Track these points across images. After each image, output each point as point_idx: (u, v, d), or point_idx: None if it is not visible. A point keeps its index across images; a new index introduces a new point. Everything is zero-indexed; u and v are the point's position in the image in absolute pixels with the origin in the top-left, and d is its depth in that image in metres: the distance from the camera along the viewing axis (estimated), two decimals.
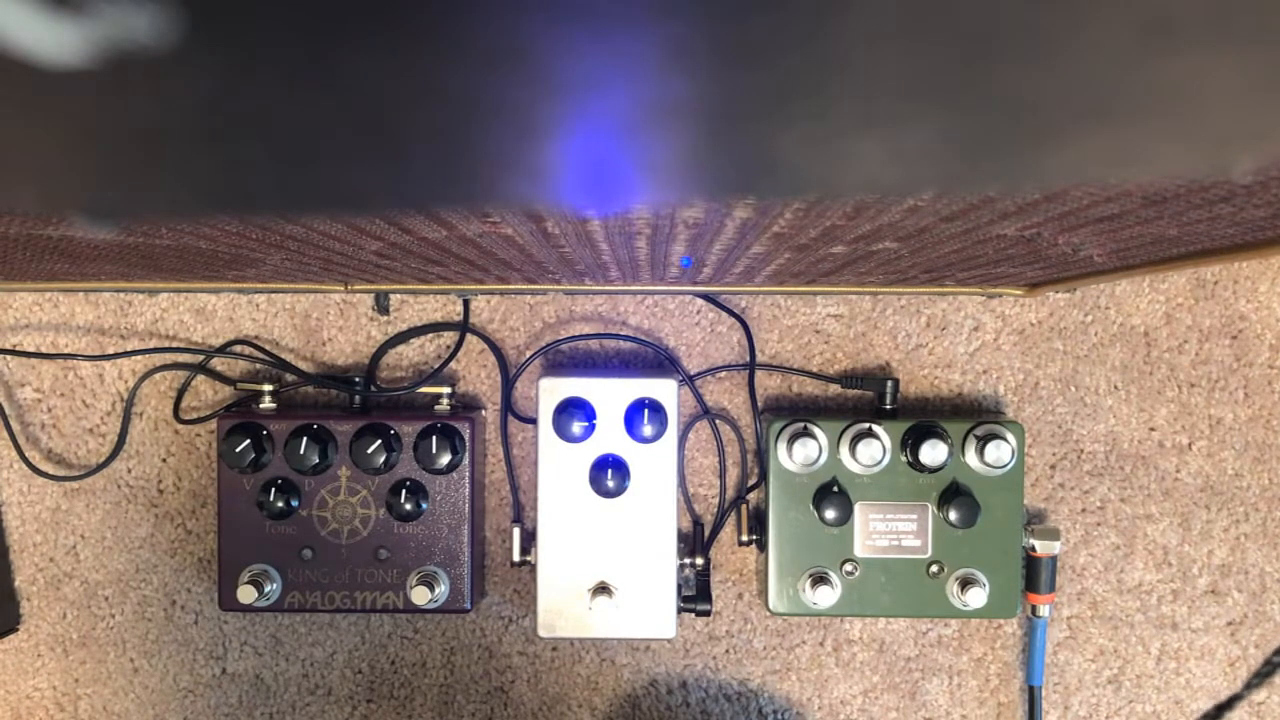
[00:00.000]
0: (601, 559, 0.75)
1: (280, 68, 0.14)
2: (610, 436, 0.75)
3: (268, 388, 0.79)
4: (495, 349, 0.82)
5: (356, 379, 0.80)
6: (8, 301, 0.83)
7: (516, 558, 0.79)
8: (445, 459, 0.76)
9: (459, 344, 0.82)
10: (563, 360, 0.83)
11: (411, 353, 0.83)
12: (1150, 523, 0.83)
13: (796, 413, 0.81)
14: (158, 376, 0.83)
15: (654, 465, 0.75)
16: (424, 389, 0.81)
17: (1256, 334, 0.82)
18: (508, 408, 0.82)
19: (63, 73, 0.13)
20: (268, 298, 0.83)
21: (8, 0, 0.11)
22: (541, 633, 0.76)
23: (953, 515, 0.76)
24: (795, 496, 0.77)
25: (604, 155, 0.17)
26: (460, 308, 0.82)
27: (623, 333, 0.82)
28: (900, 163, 0.18)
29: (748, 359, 0.82)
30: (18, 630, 0.84)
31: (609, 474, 0.75)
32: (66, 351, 0.82)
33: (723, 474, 0.83)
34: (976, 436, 0.76)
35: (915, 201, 0.36)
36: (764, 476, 0.78)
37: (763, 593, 0.80)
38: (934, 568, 0.77)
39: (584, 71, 0.14)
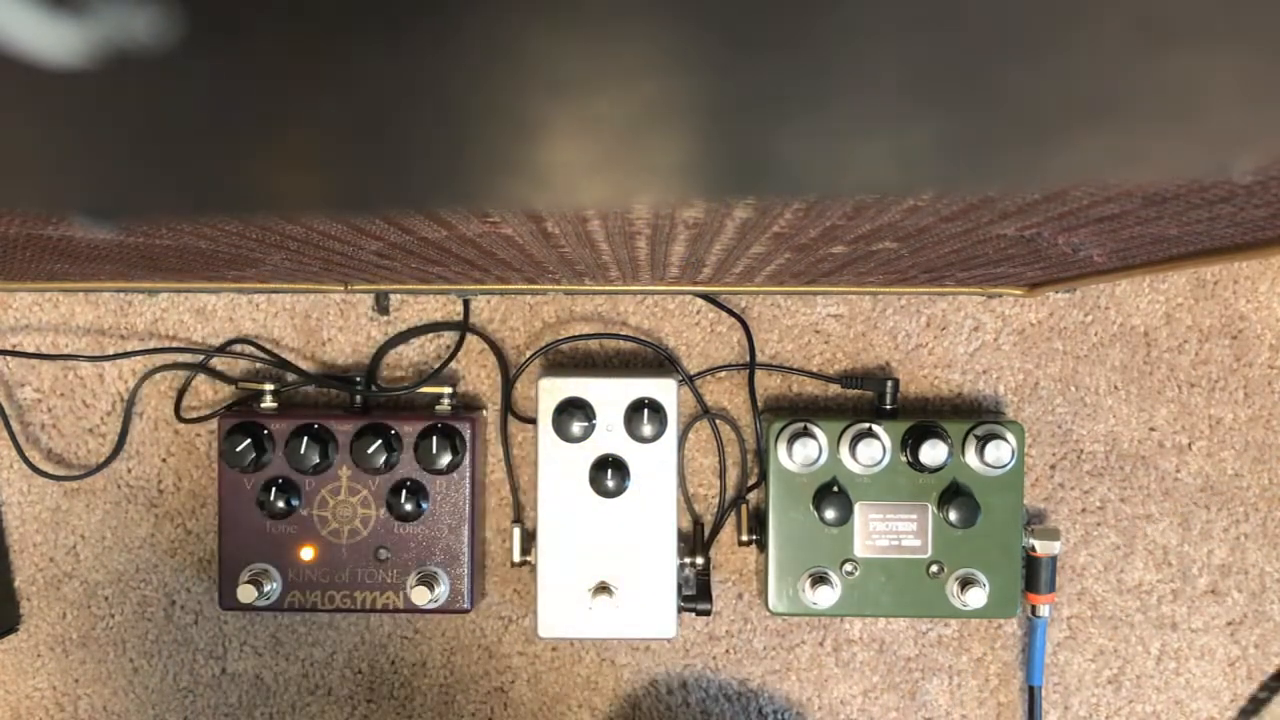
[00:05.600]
0: (601, 559, 0.75)
1: (280, 68, 0.14)
2: (610, 436, 0.75)
3: (268, 387, 0.79)
4: (495, 349, 0.82)
5: (357, 379, 0.80)
6: (8, 301, 0.83)
7: (516, 558, 0.79)
8: (445, 459, 0.76)
9: (459, 344, 0.82)
10: (563, 360, 0.83)
11: (412, 353, 0.83)
12: (1150, 523, 0.83)
13: (796, 413, 0.81)
14: (158, 376, 0.83)
15: (654, 465, 0.75)
16: (424, 389, 0.81)
17: (1256, 334, 0.82)
18: (508, 408, 0.82)
19: (63, 73, 0.13)
20: (268, 298, 0.83)
21: (8, 0, 0.11)
22: (541, 633, 0.76)
23: (953, 515, 0.76)
24: (795, 496, 0.77)
25: (604, 156, 0.17)
26: (460, 308, 0.82)
27: (623, 333, 0.82)
28: (900, 163, 0.18)
29: (748, 359, 0.82)
30: (18, 630, 0.84)
31: (609, 474, 0.75)
32: (66, 352, 0.82)
33: (723, 474, 0.83)
34: (976, 436, 0.76)
35: (915, 201, 0.36)
36: (764, 476, 0.78)
37: (763, 593, 0.80)
38: (934, 568, 0.77)
39: (584, 71, 0.14)
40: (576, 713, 0.84)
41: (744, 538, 0.81)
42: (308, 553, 0.76)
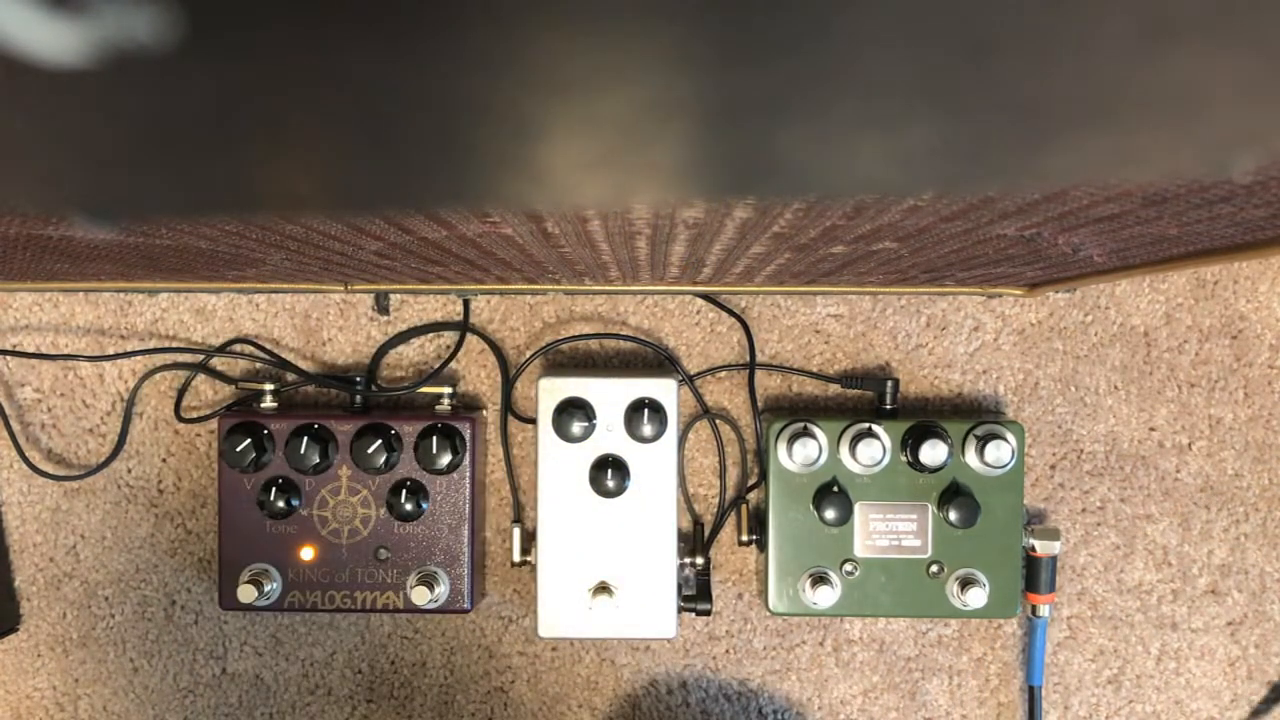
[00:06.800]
0: (601, 559, 0.75)
1: (280, 68, 0.14)
2: (610, 436, 0.75)
3: (268, 387, 0.79)
4: (495, 349, 0.82)
5: (357, 379, 0.80)
6: (8, 301, 0.83)
7: (516, 558, 0.79)
8: (446, 459, 0.76)
9: (459, 344, 0.82)
10: (563, 360, 0.83)
11: (412, 353, 0.83)
12: (1150, 523, 0.83)
13: (796, 413, 0.81)
14: (158, 376, 0.83)
15: (654, 465, 0.75)
16: (424, 389, 0.81)
17: (1256, 334, 0.82)
18: (508, 408, 0.82)
19: (63, 73, 0.13)
20: (268, 298, 0.83)
21: (8, 0, 0.11)
22: (541, 633, 0.76)
23: (953, 515, 0.76)
24: (795, 496, 0.77)
25: (604, 155, 0.17)
26: (460, 308, 0.82)
27: (623, 333, 0.82)
28: (900, 163, 0.18)
29: (748, 359, 0.82)
30: (18, 630, 0.84)
31: (609, 474, 0.75)
32: (66, 352, 0.82)
33: (723, 474, 0.83)
34: (976, 436, 0.76)
35: (915, 201, 0.36)
36: (764, 476, 0.78)
37: (763, 593, 0.80)
38: (934, 568, 0.77)
39: (584, 71, 0.14)
40: (576, 713, 0.84)
41: (744, 538, 0.81)
42: (308, 553, 0.76)
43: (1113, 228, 0.42)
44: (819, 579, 0.76)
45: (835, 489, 0.76)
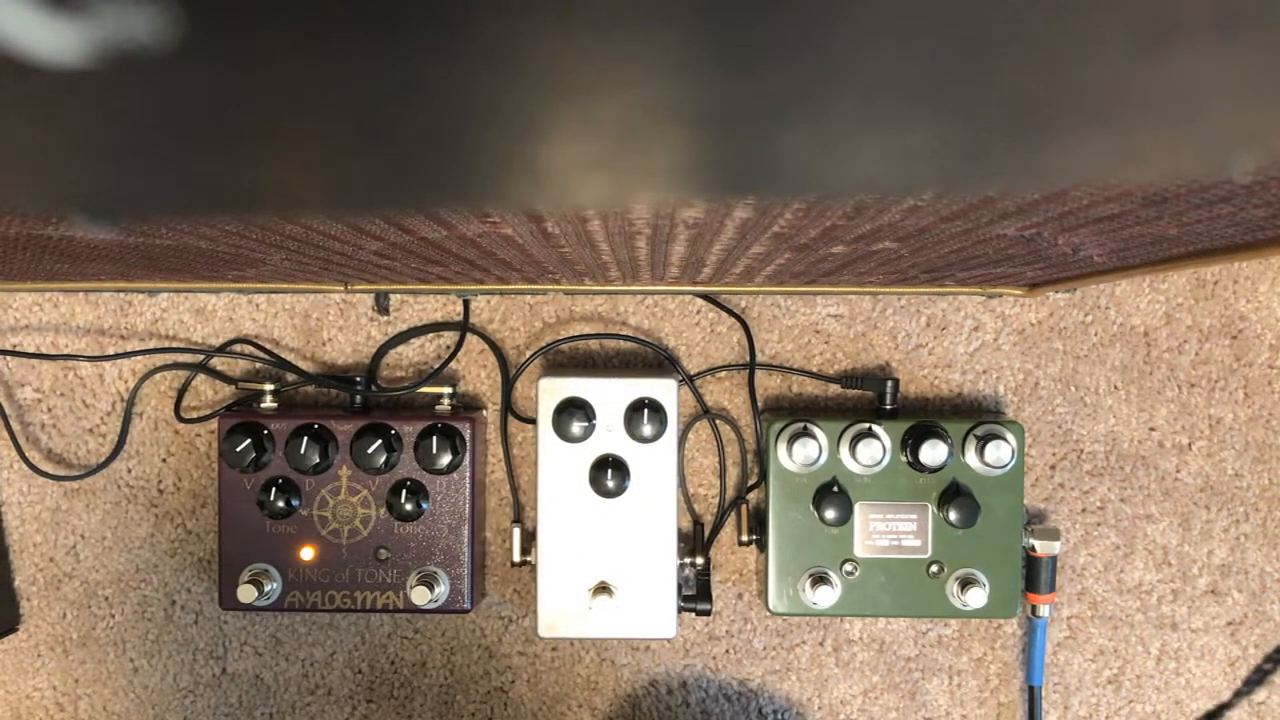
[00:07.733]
0: (601, 559, 0.75)
1: (280, 68, 0.14)
2: (610, 436, 0.75)
3: (268, 387, 0.79)
4: (495, 349, 0.82)
5: (357, 379, 0.80)
6: (8, 301, 0.83)
7: (516, 558, 0.79)
8: (446, 459, 0.76)
9: (459, 344, 0.82)
10: (563, 360, 0.83)
11: (412, 353, 0.83)
12: (1150, 523, 0.83)
13: (796, 413, 0.81)
14: (158, 376, 0.83)
15: (654, 465, 0.75)
16: (424, 389, 0.81)
17: (1256, 334, 0.82)
18: (508, 408, 0.82)
19: (63, 73, 0.13)
20: (268, 298, 0.83)
21: (8, 0, 0.11)
22: (541, 633, 0.76)
23: (953, 515, 0.76)
24: (795, 496, 0.77)
25: (604, 156, 0.17)
26: (460, 308, 0.82)
27: (623, 333, 0.82)
28: (900, 163, 0.18)
29: (748, 359, 0.82)
30: (18, 630, 0.84)
31: (609, 474, 0.75)
32: (66, 352, 0.82)
33: (723, 474, 0.83)
34: (976, 436, 0.76)
35: (915, 201, 0.36)
36: (764, 476, 0.78)
37: (763, 593, 0.80)
38: (934, 568, 0.77)
39: (584, 72, 0.14)
40: (576, 713, 0.84)
41: (744, 538, 0.81)
42: (308, 553, 0.76)
43: (1113, 228, 0.42)
44: (819, 579, 0.76)
45: (835, 489, 0.76)
